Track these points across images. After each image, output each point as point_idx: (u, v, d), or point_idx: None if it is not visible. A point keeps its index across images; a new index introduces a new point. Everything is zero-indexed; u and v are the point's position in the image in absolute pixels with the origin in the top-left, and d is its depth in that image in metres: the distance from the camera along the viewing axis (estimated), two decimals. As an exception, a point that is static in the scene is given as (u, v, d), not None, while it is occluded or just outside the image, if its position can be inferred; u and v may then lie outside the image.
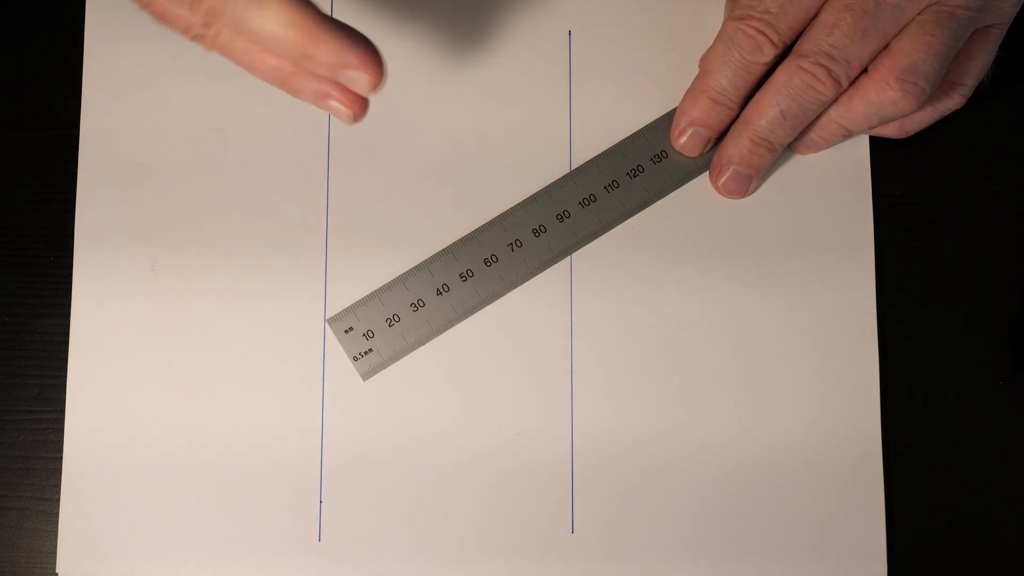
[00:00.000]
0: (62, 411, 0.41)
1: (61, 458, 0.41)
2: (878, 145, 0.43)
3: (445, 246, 0.42)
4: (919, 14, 0.37)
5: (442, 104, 0.42)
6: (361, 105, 0.36)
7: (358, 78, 0.34)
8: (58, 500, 0.41)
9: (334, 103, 0.36)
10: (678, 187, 0.42)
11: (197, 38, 0.35)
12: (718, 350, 0.41)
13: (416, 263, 0.42)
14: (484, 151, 0.42)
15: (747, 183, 0.41)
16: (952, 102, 0.40)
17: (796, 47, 0.38)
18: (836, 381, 0.41)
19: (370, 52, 0.34)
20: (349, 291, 0.42)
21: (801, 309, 0.42)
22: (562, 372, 0.41)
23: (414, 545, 0.41)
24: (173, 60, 0.43)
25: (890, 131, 0.41)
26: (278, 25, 0.33)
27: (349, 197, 0.42)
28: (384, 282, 0.42)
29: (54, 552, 0.41)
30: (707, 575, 0.41)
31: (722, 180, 0.41)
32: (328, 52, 0.33)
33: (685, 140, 0.41)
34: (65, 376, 0.41)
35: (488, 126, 0.42)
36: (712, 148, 0.42)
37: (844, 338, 0.41)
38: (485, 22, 0.40)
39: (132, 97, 0.42)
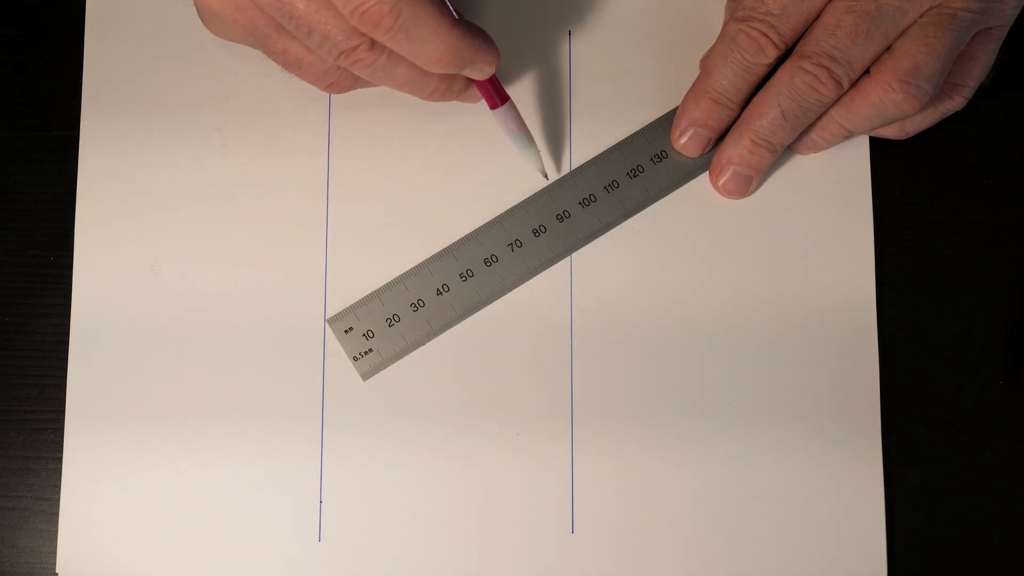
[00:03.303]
0: (62, 411, 0.41)
1: (61, 458, 0.41)
2: (878, 145, 0.43)
3: (445, 246, 0.42)
4: (921, 16, 0.37)
5: (442, 104, 0.42)
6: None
7: (485, 68, 0.38)
8: (58, 500, 0.41)
9: (460, 96, 0.41)
10: (678, 187, 0.42)
11: (335, 83, 0.39)
12: (718, 350, 0.41)
13: (416, 263, 0.42)
14: (484, 151, 0.42)
15: (747, 183, 0.41)
16: (953, 103, 0.40)
17: (798, 48, 0.38)
18: (836, 381, 0.41)
19: (492, 43, 0.38)
20: (349, 291, 0.42)
21: (801, 308, 0.42)
22: (562, 372, 0.41)
23: (414, 545, 0.41)
24: (173, 60, 0.43)
25: (891, 132, 0.41)
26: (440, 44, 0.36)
27: (349, 197, 0.42)
28: (384, 282, 0.42)
29: (54, 552, 0.41)
30: (707, 575, 0.41)
31: (722, 180, 0.41)
32: (486, 57, 0.38)
33: (686, 140, 0.41)
34: (65, 376, 0.41)
35: (488, 126, 0.42)
36: (712, 148, 0.42)
37: (844, 338, 0.41)
38: (485, 22, 0.40)
39: (132, 97, 0.42)
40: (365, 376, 0.41)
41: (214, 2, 0.37)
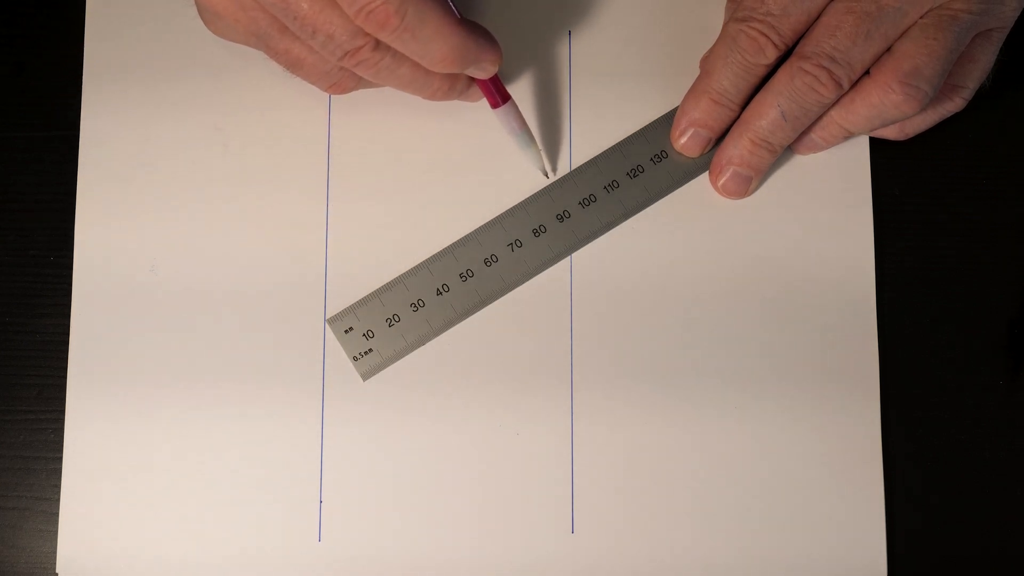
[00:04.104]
0: (62, 411, 0.41)
1: (61, 458, 0.41)
2: (878, 145, 0.43)
3: (445, 246, 0.42)
4: (921, 17, 0.37)
5: (442, 103, 0.42)
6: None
7: (488, 67, 0.38)
8: (58, 500, 0.41)
9: (462, 95, 0.41)
10: (678, 187, 0.42)
11: (337, 84, 0.39)
12: (717, 349, 0.41)
13: (416, 263, 0.42)
14: (484, 151, 0.42)
15: (747, 184, 0.41)
16: (953, 105, 0.40)
17: (798, 49, 0.38)
18: (836, 381, 0.41)
19: (495, 42, 0.38)
20: (349, 291, 0.42)
21: (800, 309, 0.42)
22: (562, 372, 0.41)
23: (414, 545, 0.41)
24: (173, 60, 0.43)
25: (890, 133, 0.41)
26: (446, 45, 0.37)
27: (349, 197, 0.42)
28: (384, 282, 0.42)
29: (54, 552, 0.41)
30: (706, 574, 0.41)
31: (722, 180, 0.41)
32: (489, 56, 0.38)
33: (686, 140, 0.41)
34: (65, 376, 0.41)
35: (488, 126, 0.42)
36: (712, 148, 0.42)
37: (844, 338, 0.41)
38: (485, 22, 0.40)
39: (132, 97, 0.42)
40: (365, 376, 0.41)
41: (216, 2, 0.37)
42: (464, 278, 0.41)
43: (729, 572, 0.41)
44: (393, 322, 0.41)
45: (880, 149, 0.43)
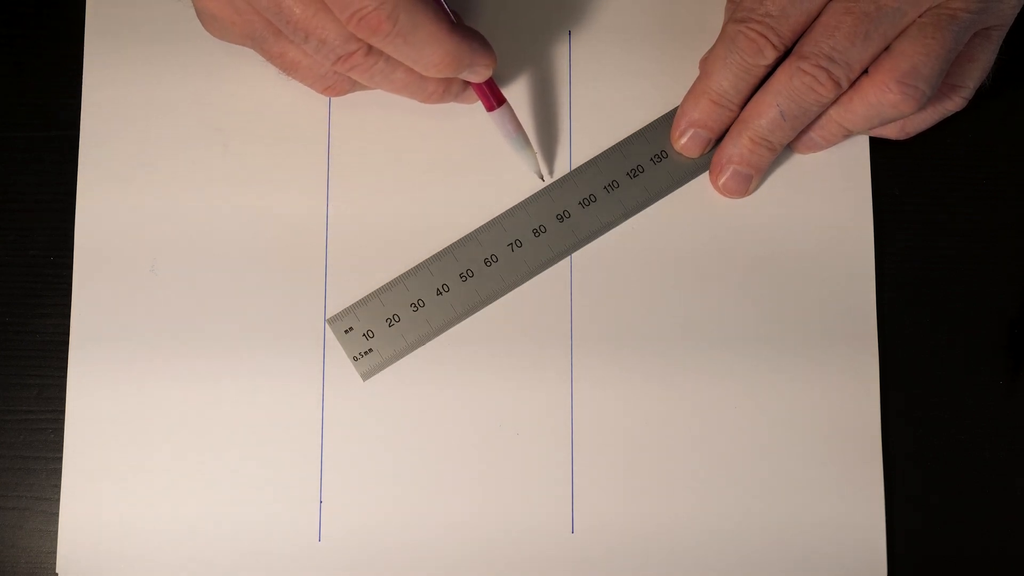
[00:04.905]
0: (62, 411, 0.41)
1: (61, 458, 0.41)
2: (878, 145, 0.43)
3: (445, 246, 0.42)
4: (920, 17, 0.37)
5: (442, 104, 0.42)
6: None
7: (483, 71, 0.38)
8: (58, 500, 0.41)
9: (458, 98, 0.41)
10: (678, 187, 0.42)
11: (332, 86, 0.39)
12: (717, 349, 0.41)
13: (416, 263, 0.42)
14: (484, 151, 0.42)
15: (747, 182, 0.41)
16: (953, 104, 0.40)
17: (797, 48, 0.38)
18: (836, 381, 0.41)
19: (489, 46, 0.38)
20: (349, 291, 0.42)
21: (800, 309, 0.42)
22: (562, 372, 0.41)
23: (414, 545, 0.41)
24: (173, 60, 0.43)
25: (890, 132, 0.41)
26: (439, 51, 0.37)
27: (349, 197, 0.42)
28: (384, 282, 0.42)
29: (54, 552, 0.41)
30: (707, 573, 0.40)
31: (722, 180, 0.41)
32: (483, 61, 0.38)
33: (686, 141, 0.41)
34: (65, 376, 0.41)
35: (489, 126, 0.42)
36: (712, 148, 0.42)
37: (844, 338, 0.41)
38: (485, 23, 0.40)
39: (132, 97, 0.42)
40: (365, 376, 0.41)
41: (212, 5, 0.37)
42: (464, 278, 0.41)
43: (730, 573, 0.40)
44: (393, 322, 0.41)
45: (880, 149, 0.43)
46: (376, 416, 0.41)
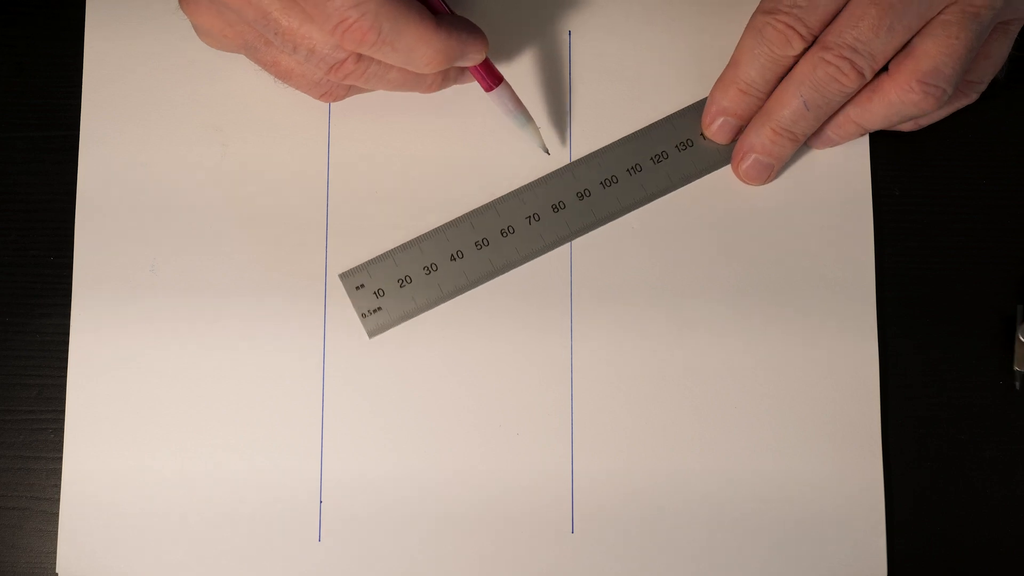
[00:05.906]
0: (62, 411, 0.41)
1: (61, 458, 0.41)
2: (878, 145, 0.43)
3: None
4: (942, 13, 0.37)
5: (442, 103, 0.42)
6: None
7: (475, 57, 0.38)
8: (58, 500, 0.41)
9: (457, 81, 0.41)
10: (700, 177, 0.42)
11: (328, 92, 0.39)
12: (718, 349, 0.41)
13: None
14: (485, 152, 0.42)
15: (768, 171, 0.41)
16: (968, 98, 0.40)
17: (821, 39, 0.38)
18: (836, 381, 0.41)
19: (478, 31, 0.38)
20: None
21: (801, 309, 0.42)
22: (563, 372, 0.41)
23: (414, 545, 0.41)
24: (173, 60, 0.43)
25: (905, 125, 0.41)
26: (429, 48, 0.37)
27: (349, 197, 0.42)
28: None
29: (54, 552, 0.41)
30: (707, 574, 0.40)
31: (744, 166, 0.41)
32: (474, 48, 0.38)
33: (716, 128, 0.41)
34: (65, 376, 0.41)
35: (489, 125, 0.42)
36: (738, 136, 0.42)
37: (844, 338, 0.41)
38: (485, 23, 0.40)
39: (132, 97, 0.42)
40: (372, 333, 0.41)
41: (204, 19, 0.38)
42: (479, 246, 0.41)
43: (730, 572, 0.40)
44: (405, 283, 0.41)
45: (880, 149, 0.43)
46: (376, 417, 0.41)
